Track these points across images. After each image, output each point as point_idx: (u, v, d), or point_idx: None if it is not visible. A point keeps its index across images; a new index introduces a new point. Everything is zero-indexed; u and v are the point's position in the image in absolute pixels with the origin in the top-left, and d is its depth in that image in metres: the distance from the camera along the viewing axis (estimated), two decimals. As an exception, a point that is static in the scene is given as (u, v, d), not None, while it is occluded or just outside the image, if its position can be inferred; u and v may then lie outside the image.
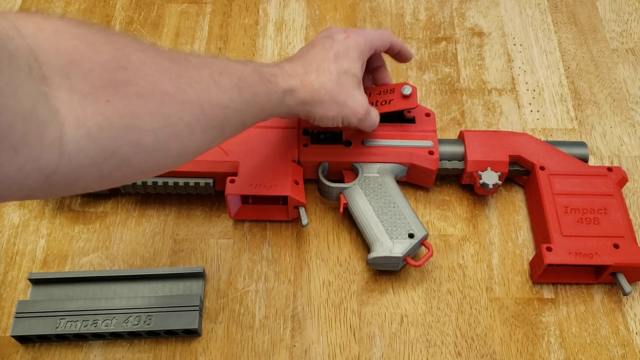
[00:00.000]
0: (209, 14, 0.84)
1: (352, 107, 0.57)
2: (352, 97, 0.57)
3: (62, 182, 0.35)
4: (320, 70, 0.55)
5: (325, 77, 0.55)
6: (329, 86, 0.55)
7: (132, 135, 0.37)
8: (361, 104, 0.58)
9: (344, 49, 0.57)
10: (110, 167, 0.37)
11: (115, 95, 0.36)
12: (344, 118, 0.57)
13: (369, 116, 0.60)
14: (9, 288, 0.62)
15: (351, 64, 0.57)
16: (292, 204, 0.62)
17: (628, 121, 0.74)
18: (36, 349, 0.59)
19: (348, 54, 0.57)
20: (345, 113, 0.57)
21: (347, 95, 0.56)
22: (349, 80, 0.56)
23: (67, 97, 0.33)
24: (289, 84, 0.52)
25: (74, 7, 0.85)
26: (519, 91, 0.77)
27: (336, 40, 0.58)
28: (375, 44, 0.60)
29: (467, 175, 0.65)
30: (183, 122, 0.40)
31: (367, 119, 0.59)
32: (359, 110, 0.57)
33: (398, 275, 0.63)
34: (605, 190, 0.63)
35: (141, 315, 0.58)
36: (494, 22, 0.84)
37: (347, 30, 0.59)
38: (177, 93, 0.40)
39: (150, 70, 0.39)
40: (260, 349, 0.59)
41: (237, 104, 0.45)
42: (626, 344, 0.59)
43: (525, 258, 0.64)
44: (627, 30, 0.82)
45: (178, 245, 0.65)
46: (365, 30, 0.61)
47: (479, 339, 0.60)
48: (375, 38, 0.60)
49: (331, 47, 0.57)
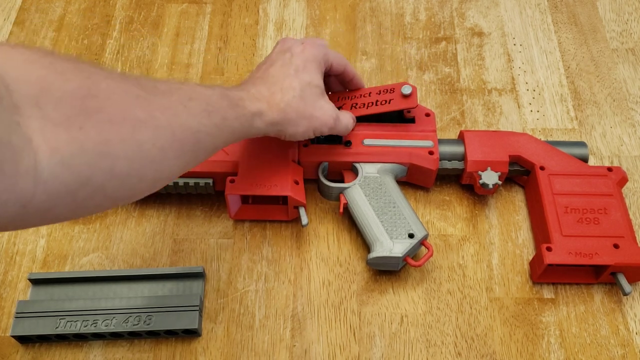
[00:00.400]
0: (209, 14, 0.84)
1: (320, 118, 0.58)
2: (318, 108, 0.58)
3: (38, 212, 0.35)
4: (284, 88, 0.56)
5: (290, 94, 0.56)
6: (295, 103, 0.56)
7: (106, 162, 0.37)
8: (329, 113, 0.58)
9: (303, 62, 0.58)
10: (85, 195, 0.37)
11: (87, 122, 0.36)
12: (315, 130, 0.58)
13: (339, 122, 0.60)
14: (9, 288, 0.62)
15: (312, 76, 0.58)
16: (292, 204, 0.62)
17: (628, 121, 0.74)
18: (36, 349, 0.59)
19: (307, 66, 0.58)
20: (315, 125, 0.57)
21: (313, 108, 0.57)
22: (312, 92, 0.57)
23: (40, 125, 0.33)
24: (257, 107, 0.53)
25: (74, 7, 0.85)
26: (519, 91, 0.77)
27: (294, 54, 0.58)
28: (331, 58, 0.61)
29: (467, 175, 0.65)
30: (156, 147, 0.41)
31: (337, 125, 0.60)
32: (327, 119, 0.58)
33: (398, 275, 0.63)
34: (605, 190, 0.63)
35: (141, 315, 0.58)
36: (494, 22, 0.84)
37: (304, 42, 0.60)
38: (149, 119, 0.40)
39: (120, 97, 0.39)
40: (260, 349, 0.59)
41: (208, 128, 0.46)
42: (626, 344, 0.59)
43: (525, 258, 0.64)
44: (627, 30, 0.82)
45: (178, 245, 0.65)
46: (320, 41, 0.61)
47: (479, 339, 0.60)
48: (332, 53, 0.61)
49: (290, 63, 0.58)
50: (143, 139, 0.40)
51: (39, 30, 0.82)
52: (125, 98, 0.39)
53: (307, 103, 0.57)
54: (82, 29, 0.83)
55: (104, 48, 0.81)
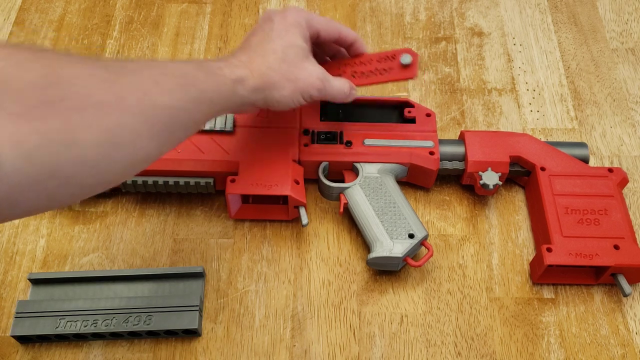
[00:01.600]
0: (209, 14, 0.84)
1: (306, 79, 0.54)
2: (302, 69, 0.55)
3: (4, 204, 0.35)
4: (264, 53, 0.54)
5: (271, 57, 0.53)
6: (276, 65, 0.53)
7: (74, 150, 0.36)
8: (315, 74, 0.55)
9: (284, 27, 0.55)
10: (55, 186, 0.37)
11: (50, 112, 0.35)
12: (303, 93, 0.55)
13: (330, 84, 0.57)
14: (9, 288, 0.62)
15: (293, 38, 0.55)
16: (292, 203, 0.62)
17: (628, 121, 0.74)
18: (36, 349, 0.59)
19: (289, 30, 0.55)
20: (301, 87, 0.54)
21: (297, 69, 0.54)
22: (295, 53, 0.54)
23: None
24: (237, 74, 0.51)
25: (74, 7, 0.85)
26: (519, 91, 0.77)
27: (275, 21, 0.56)
28: (317, 25, 0.58)
29: (468, 175, 0.65)
30: (126, 130, 0.40)
31: (328, 87, 0.57)
32: (314, 81, 0.55)
33: (398, 275, 0.63)
34: (605, 191, 0.63)
35: (141, 315, 0.58)
36: (493, 22, 0.84)
37: (286, 10, 0.57)
38: (117, 102, 0.39)
39: (84, 82, 0.38)
40: (260, 349, 0.59)
41: (183, 102, 0.45)
42: (626, 344, 0.59)
43: (525, 258, 0.64)
44: (627, 30, 0.83)
45: (178, 245, 0.65)
46: (302, 9, 0.59)
47: (479, 338, 0.60)
48: (317, 20, 0.59)
49: (271, 29, 0.55)
50: (111, 123, 0.38)
51: (39, 30, 0.82)
52: (90, 82, 0.38)
53: (290, 64, 0.54)
54: (82, 29, 0.83)
55: (104, 48, 0.81)
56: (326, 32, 0.59)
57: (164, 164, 0.63)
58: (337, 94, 0.58)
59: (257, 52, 0.54)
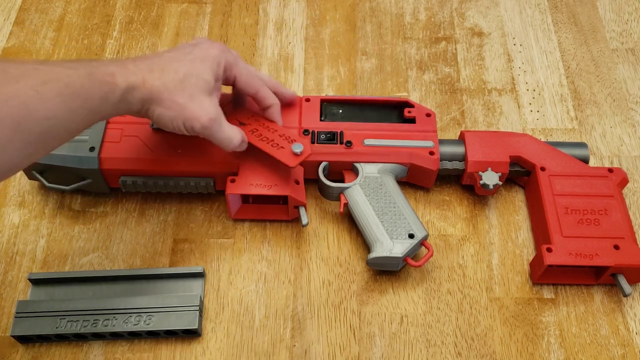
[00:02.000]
0: (209, 14, 0.84)
1: (194, 112, 0.53)
2: (195, 101, 0.53)
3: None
4: (166, 69, 0.52)
5: (169, 76, 0.52)
6: (171, 85, 0.52)
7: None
8: (207, 111, 0.54)
9: (200, 56, 0.55)
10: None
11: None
12: (185, 122, 0.53)
13: (220, 128, 0.55)
14: (9, 288, 0.62)
15: (202, 69, 0.54)
16: (292, 203, 0.62)
17: (628, 121, 0.74)
18: (36, 349, 0.59)
19: (204, 61, 0.55)
20: (185, 116, 0.53)
21: (190, 98, 0.53)
22: (195, 84, 0.53)
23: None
24: (128, 82, 0.49)
25: (74, 7, 0.85)
26: (519, 91, 0.77)
27: (197, 47, 0.56)
28: (236, 71, 0.58)
29: (468, 175, 0.65)
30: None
31: (215, 129, 0.55)
32: (202, 116, 0.53)
33: (398, 275, 0.63)
34: (605, 191, 0.63)
35: (141, 315, 0.58)
36: (493, 22, 0.84)
37: (216, 44, 0.57)
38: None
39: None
40: (260, 349, 0.59)
41: (62, 112, 0.44)
42: (626, 344, 0.59)
43: (525, 258, 0.64)
44: (627, 30, 0.83)
45: (178, 245, 0.65)
46: (232, 51, 0.59)
47: (479, 339, 0.60)
48: (240, 68, 0.58)
49: (188, 52, 0.55)
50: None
51: (39, 30, 0.82)
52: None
53: (185, 91, 0.53)
54: (82, 29, 0.83)
55: (104, 48, 0.81)
56: (244, 83, 0.59)
57: (164, 164, 0.63)
58: (224, 141, 0.57)
59: (160, 65, 0.53)
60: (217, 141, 0.57)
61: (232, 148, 0.58)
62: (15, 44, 0.81)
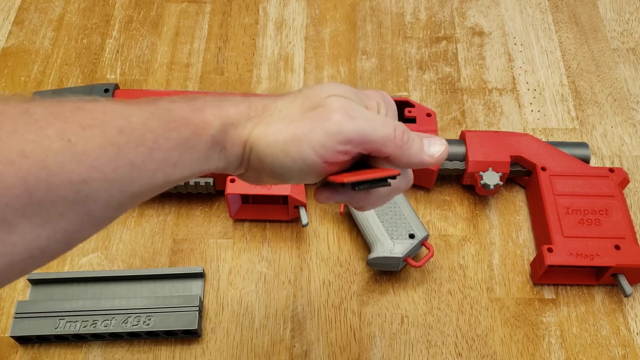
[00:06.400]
0: (208, 13, 0.84)
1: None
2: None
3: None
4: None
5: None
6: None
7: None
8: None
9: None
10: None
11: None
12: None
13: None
14: (8, 288, 0.62)
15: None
16: (292, 203, 0.62)
17: (629, 121, 0.74)
18: (35, 350, 0.59)
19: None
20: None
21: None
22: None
23: None
24: (228, 116, 0.34)
25: (74, 7, 0.85)
26: (519, 91, 0.77)
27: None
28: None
29: (468, 175, 0.65)
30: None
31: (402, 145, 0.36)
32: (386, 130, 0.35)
33: (398, 275, 0.63)
34: (606, 191, 0.63)
35: (141, 316, 0.58)
36: (494, 22, 0.83)
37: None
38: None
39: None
40: (260, 350, 0.59)
41: (109, 170, 0.30)
42: (627, 344, 0.59)
43: (525, 258, 0.64)
44: (628, 30, 0.82)
45: (178, 245, 0.65)
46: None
47: (480, 339, 0.59)
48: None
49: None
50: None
51: (38, 29, 0.82)
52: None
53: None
54: (82, 29, 0.82)
55: (104, 47, 0.80)
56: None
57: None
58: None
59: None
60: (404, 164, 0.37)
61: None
62: (14, 44, 0.81)
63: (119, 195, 0.31)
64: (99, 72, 0.78)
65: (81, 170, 0.29)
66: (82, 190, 0.29)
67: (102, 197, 0.30)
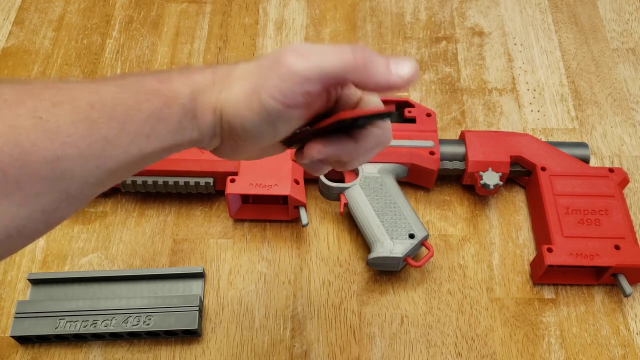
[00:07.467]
0: (208, 14, 0.84)
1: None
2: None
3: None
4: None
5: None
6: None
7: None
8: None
9: None
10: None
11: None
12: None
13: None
14: (9, 288, 0.62)
15: None
16: (292, 203, 0.62)
17: (629, 121, 0.74)
18: (35, 350, 0.59)
19: None
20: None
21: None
22: None
23: None
24: (195, 83, 0.35)
25: (74, 7, 0.85)
26: (519, 91, 0.77)
27: None
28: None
29: (468, 175, 0.65)
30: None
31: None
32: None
33: (398, 275, 0.63)
34: (606, 191, 0.63)
35: (141, 316, 0.58)
36: (494, 22, 0.83)
37: None
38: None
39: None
40: (260, 350, 0.59)
41: (83, 146, 0.30)
42: (627, 344, 0.59)
43: (525, 258, 0.64)
44: (628, 30, 0.82)
45: (178, 245, 0.65)
46: None
47: (480, 339, 0.59)
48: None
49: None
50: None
51: (39, 29, 0.82)
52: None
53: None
54: (82, 29, 0.82)
55: (104, 48, 0.81)
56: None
57: (164, 163, 0.63)
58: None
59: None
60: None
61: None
62: (14, 44, 0.81)
63: (95, 172, 0.31)
64: (99, 73, 0.78)
65: (54, 147, 0.29)
66: (57, 167, 0.29)
67: (78, 174, 0.31)
